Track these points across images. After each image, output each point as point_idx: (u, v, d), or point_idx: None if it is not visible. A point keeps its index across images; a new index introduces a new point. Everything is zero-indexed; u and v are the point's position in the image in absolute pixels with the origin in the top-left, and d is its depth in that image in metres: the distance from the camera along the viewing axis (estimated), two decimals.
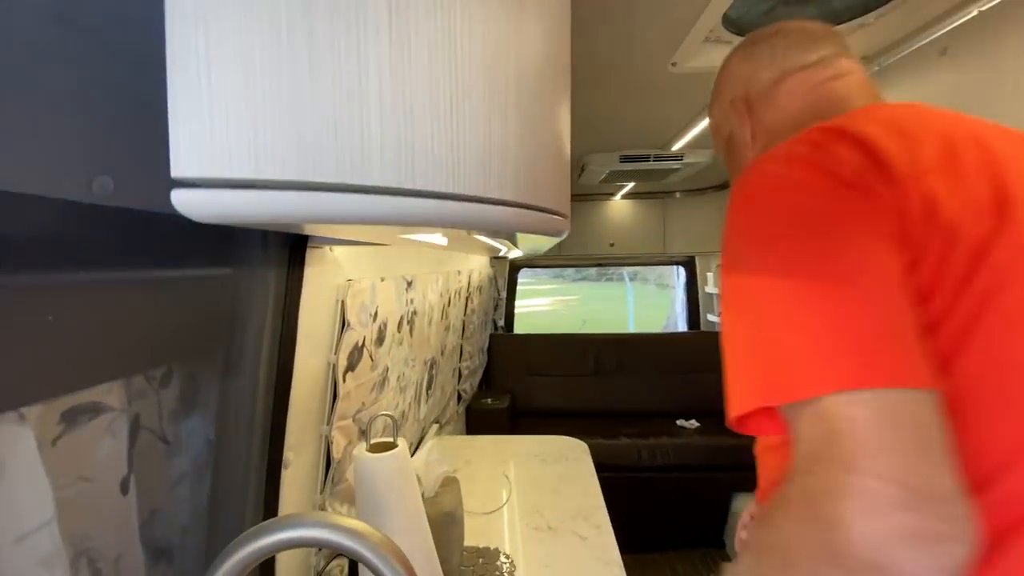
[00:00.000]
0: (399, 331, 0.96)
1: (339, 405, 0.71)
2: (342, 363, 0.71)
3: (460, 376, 2.15)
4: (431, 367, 1.39)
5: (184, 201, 0.23)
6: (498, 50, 0.31)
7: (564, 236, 0.42)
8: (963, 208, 0.37)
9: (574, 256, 3.15)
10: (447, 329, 1.68)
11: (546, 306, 16.60)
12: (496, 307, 3.42)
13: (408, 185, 0.26)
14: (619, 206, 3.17)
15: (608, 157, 2.01)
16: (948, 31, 0.86)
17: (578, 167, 2.20)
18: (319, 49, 0.24)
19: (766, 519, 0.36)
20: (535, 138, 0.34)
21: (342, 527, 0.41)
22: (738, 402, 0.38)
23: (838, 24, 0.99)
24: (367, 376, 0.80)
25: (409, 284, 1.03)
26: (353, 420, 0.76)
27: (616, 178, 2.33)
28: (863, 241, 0.36)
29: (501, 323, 3.60)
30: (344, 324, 0.69)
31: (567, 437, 1.53)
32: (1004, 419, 0.35)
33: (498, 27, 0.30)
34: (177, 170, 0.23)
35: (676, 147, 1.93)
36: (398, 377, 0.99)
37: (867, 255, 0.36)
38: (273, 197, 0.24)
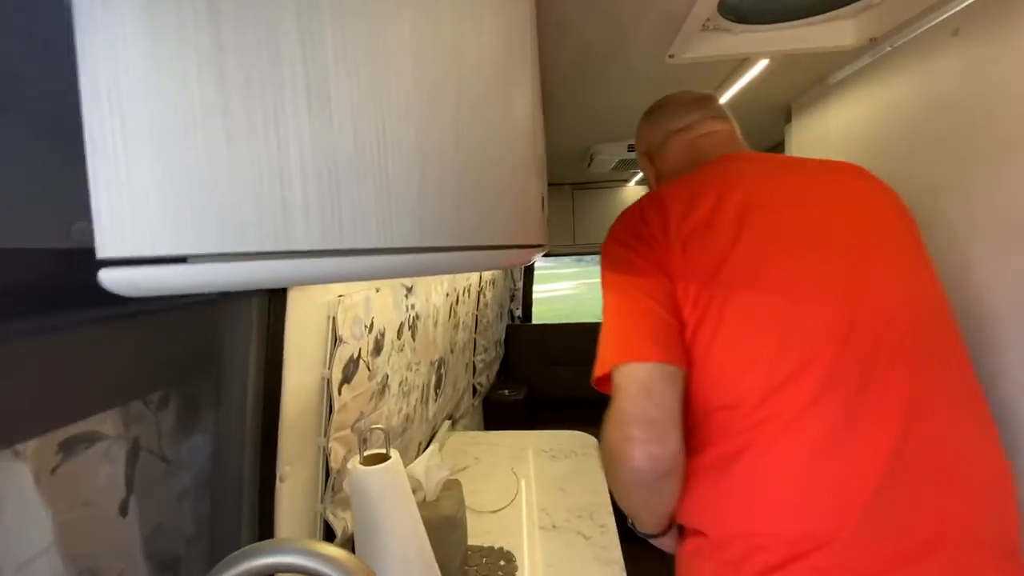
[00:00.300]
0: (399, 338, 0.98)
1: (335, 417, 0.73)
2: (336, 377, 0.72)
3: (475, 370, 2.17)
4: (439, 367, 1.41)
5: (111, 279, 0.24)
6: (434, 96, 0.31)
7: (533, 261, 0.43)
8: (707, 250, 0.61)
9: (589, 244, 3.12)
10: (457, 327, 1.70)
11: (569, 290, 16.53)
12: (512, 297, 3.43)
13: (336, 246, 0.27)
14: (633, 193, 3.12)
15: (616, 147, 1.97)
16: (960, 10, 0.81)
17: (587, 157, 2.17)
18: (236, 128, 0.24)
19: (604, 427, 0.62)
20: (482, 177, 0.34)
21: (321, 554, 0.42)
22: (595, 371, 0.64)
23: (844, 6, 0.95)
24: (364, 387, 0.81)
25: (409, 290, 1.04)
26: (352, 430, 0.78)
27: (626, 167, 2.29)
28: (640, 277, 0.63)
29: (519, 313, 3.61)
30: (336, 339, 0.70)
31: (577, 432, 1.54)
32: (738, 383, 0.58)
33: (434, 72, 0.30)
34: (103, 251, 0.23)
35: None
36: (400, 383, 1.01)
37: (641, 286, 0.62)
38: (197, 269, 0.25)
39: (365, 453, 0.68)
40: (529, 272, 3.73)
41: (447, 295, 1.42)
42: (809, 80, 1.39)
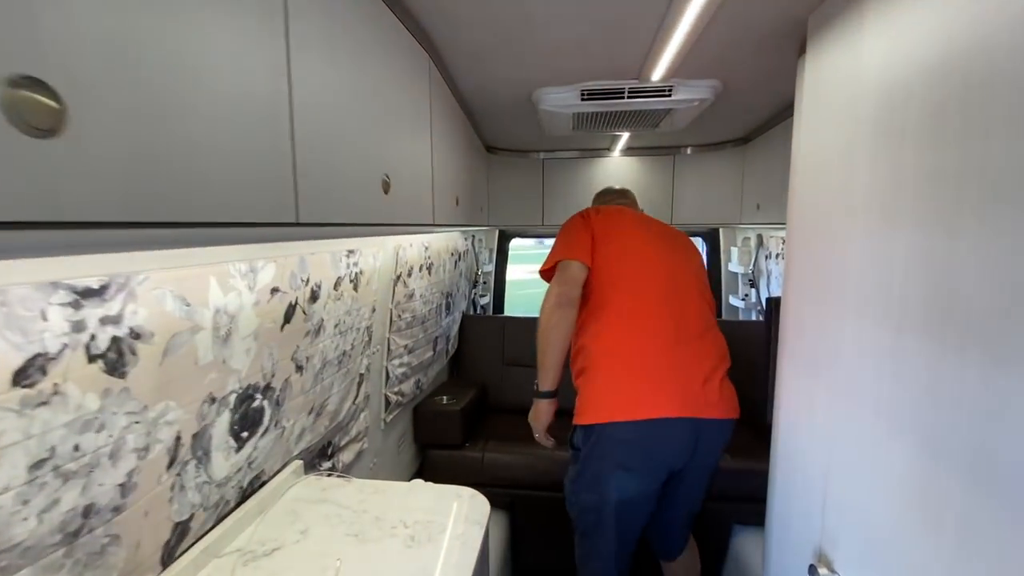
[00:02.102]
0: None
1: None
2: None
3: (387, 378, 1.75)
4: (253, 393, 0.99)
5: None
6: None
7: None
8: (606, 239, 1.50)
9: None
10: (351, 330, 1.27)
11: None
12: (476, 283, 2.97)
13: None
14: (617, 165, 2.61)
15: (565, 93, 1.49)
16: None
17: (533, 108, 1.68)
18: None
19: (546, 294, 1.47)
20: None
21: None
22: (544, 264, 1.55)
23: None
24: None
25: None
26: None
27: (587, 124, 1.79)
28: (582, 230, 1.51)
29: (486, 301, 3.16)
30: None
31: (470, 491, 1.11)
32: (613, 295, 1.44)
33: None
34: None
35: (656, 77, 1.38)
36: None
37: (582, 231, 1.51)
38: None
39: None
40: (502, 255, 3.26)
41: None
42: None
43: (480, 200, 2.38)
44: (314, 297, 1.15)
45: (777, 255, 2.57)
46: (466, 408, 2.14)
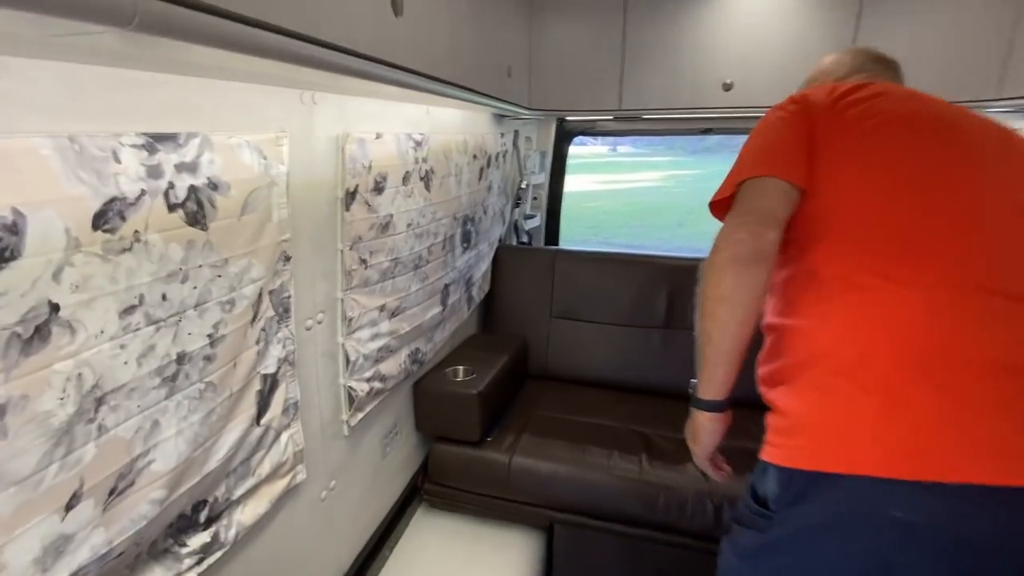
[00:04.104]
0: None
1: None
2: None
3: (349, 362, 1.08)
4: None
5: None
6: None
7: None
8: (848, 143, 0.74)
9: (651, 109, 1.71)
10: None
11: (654, 181, 14.35)
12: (519, 200, 2.17)
13: None
14: (746, 5, 1.57)
15: None
16: None
17: None
18: None
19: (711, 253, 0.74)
20: None
21: None
22: (720, 191, 0.78)
23: None
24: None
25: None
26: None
27: None
28: (787, 133, 0.77)
29: (533, 225, 2.36)
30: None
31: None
32: (865, 247, 0.69)
33: None
34: None
35: None
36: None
37: (784, 126, 0.78)
38: None
39: None
40: (559, 161, 2.37)
41: None
42: None
43: (520, 65, 1.51)
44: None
45: None
46: (490, 387, 1.46)
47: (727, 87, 1.55)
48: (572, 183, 2.48)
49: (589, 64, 1.64)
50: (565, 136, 2.32)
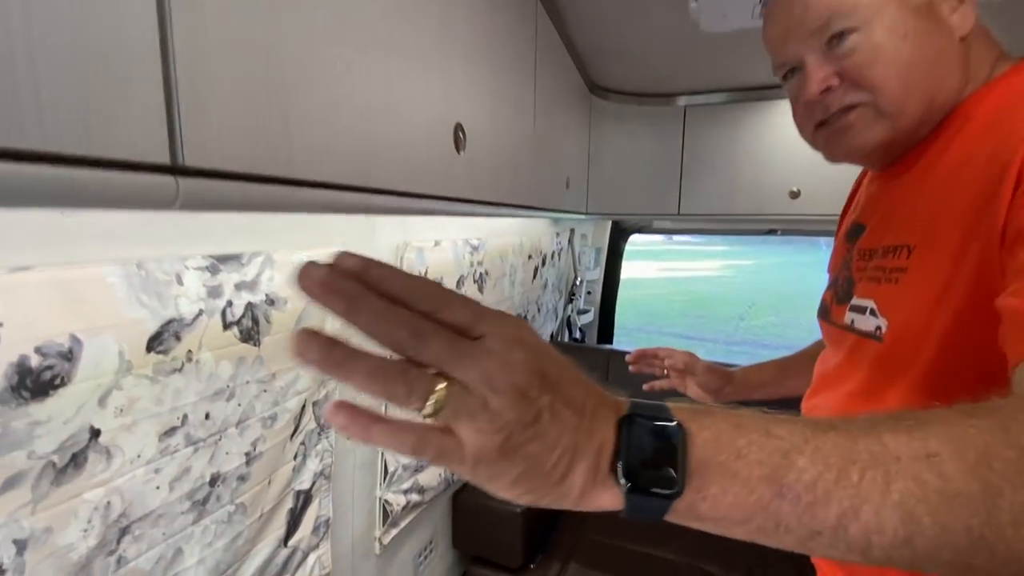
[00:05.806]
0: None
1: None
2: None
3: (387, 473, 1.02)
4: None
5: None
6: None
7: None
8: None
9: (707, 217, 1.68)
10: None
11: (712, 271, 14.07)
12: (572, 296, 2.14)
13: None
14: None
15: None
16: None
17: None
18: None
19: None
20: None
21: None
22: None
23: None
24: None
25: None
26: None
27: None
28: None
29: (587, 320, 2.30)
30: None
31: None
32: None
33: None
34: None
35: None
36: None
37: None
38: None
39: None
40: (614, 257, 2.35)
41: None
42: None
43: (578, 174, 1.54)
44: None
45: None
46: (535, 511, 1.34)
47: (794, 195, 1.50)
48: (627, 269, 2.43)
49: (647, 171, 1.66)
50: (621, 234, 2.31)
